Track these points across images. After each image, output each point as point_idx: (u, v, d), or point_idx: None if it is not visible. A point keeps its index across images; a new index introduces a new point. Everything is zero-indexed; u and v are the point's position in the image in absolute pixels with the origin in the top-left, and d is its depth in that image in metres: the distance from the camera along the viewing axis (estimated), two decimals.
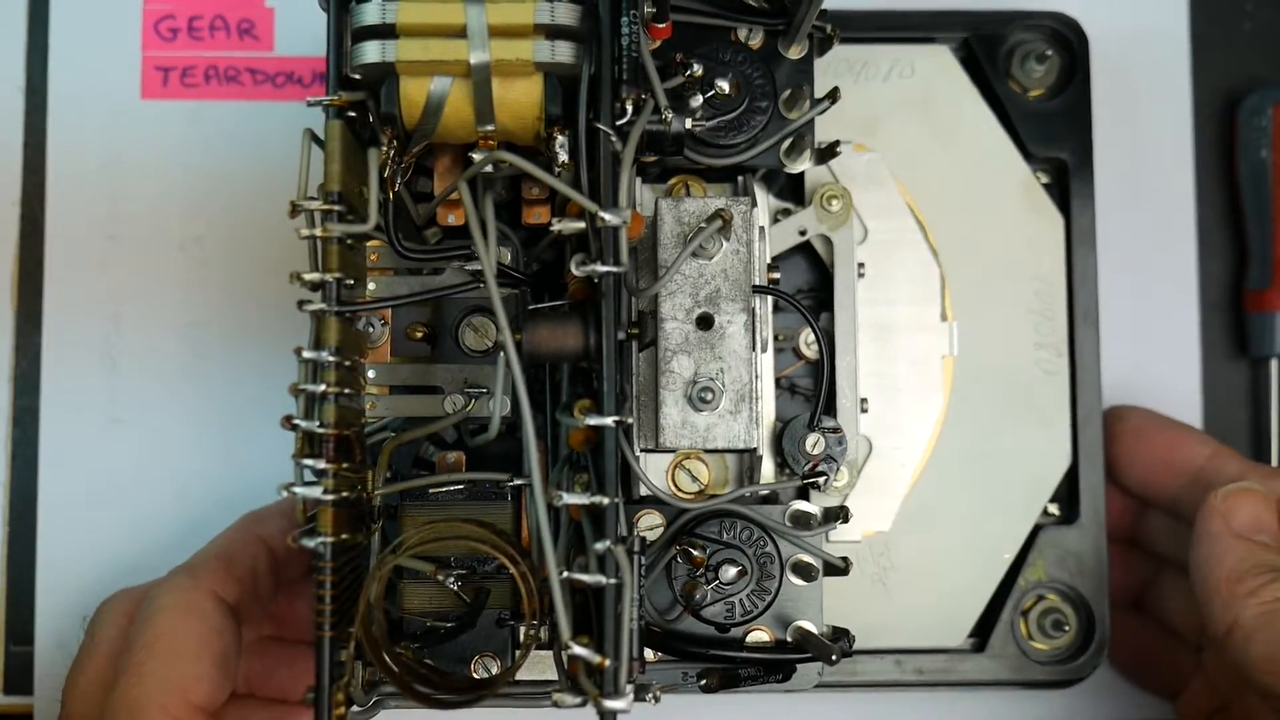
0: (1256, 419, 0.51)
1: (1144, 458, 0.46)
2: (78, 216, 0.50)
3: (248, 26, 0.51)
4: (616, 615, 0.33)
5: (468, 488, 0.41)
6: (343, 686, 0.35)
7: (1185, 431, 0.46)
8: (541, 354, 0.36)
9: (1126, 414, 0.47)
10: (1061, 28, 0.47)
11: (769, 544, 0.42)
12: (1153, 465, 0.46)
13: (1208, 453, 0.45)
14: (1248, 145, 0.50)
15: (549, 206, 0.41)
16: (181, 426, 0.49)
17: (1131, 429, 0.46)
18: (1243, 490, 0.42)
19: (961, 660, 0.46)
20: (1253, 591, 0.40)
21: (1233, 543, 0.42)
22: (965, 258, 0.46)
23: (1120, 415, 0.47)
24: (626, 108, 0.36)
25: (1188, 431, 0.46)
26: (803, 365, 0.45)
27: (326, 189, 0.35)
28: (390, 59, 0.35)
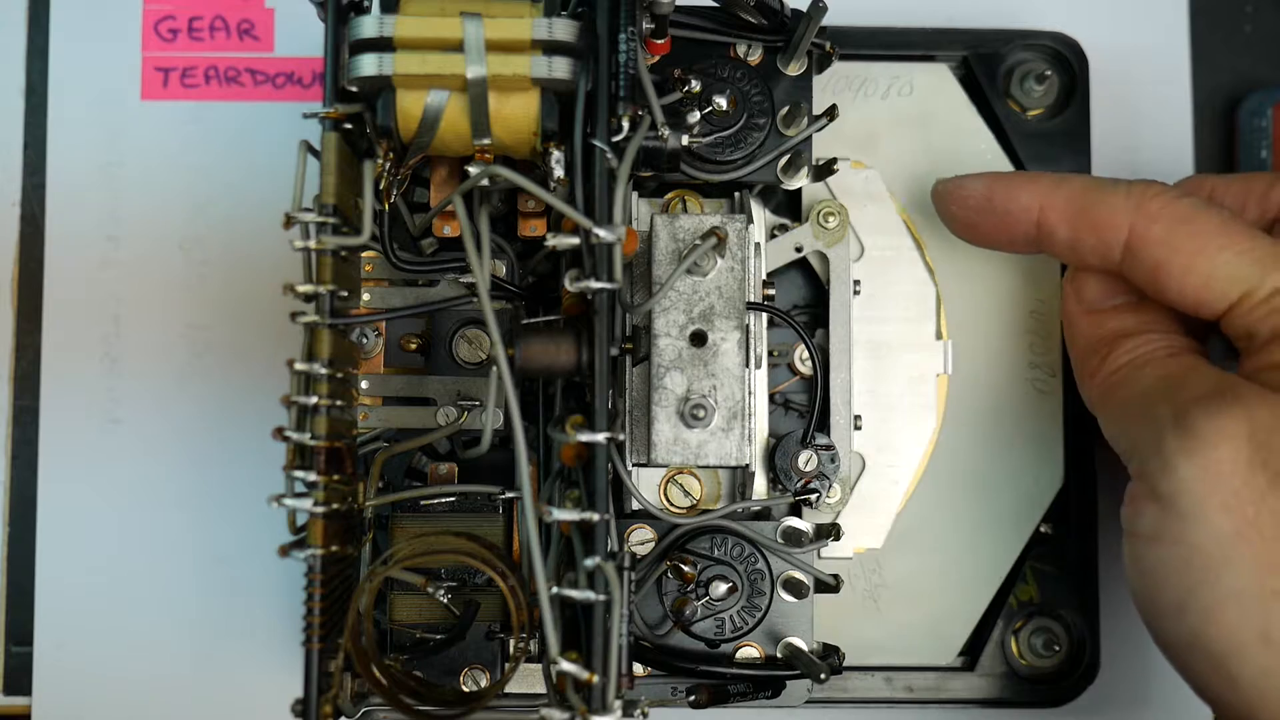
0: None
1: (983, 242, 0.43)
2: (78, 216, 0.50)
3: (248, 27, 0.51)
4: (605, 631, 0.33)
5: (459, 500, 0.41)
6: (330, 698, 0.35)
7: (1007, 204, 0.41)
8: (534, 369, 0.36)
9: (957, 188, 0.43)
10: (1061, 48, 0.47)
11: (760, 560, 0.42)
12: (998, 246, 0.43)
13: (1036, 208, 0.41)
14: (1248, 146, 0.50)
15: (545, 219, 0.41)
16: (181, 426, 0.49)
17: (963, 203, 0.42)
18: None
19: (952, 678, 0.46)
20: (1092, 371, 0.40)
21: (1081, 322, 0.41)
22: (961, 276, 0.46)
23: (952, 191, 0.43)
24: (623, 124, 0.35)
25: (1009, 200, 0.41)
26: (797, 381, 0.45)
27: (321, 201, 0.36)
28: (387, 72, 0.35)
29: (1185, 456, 0.35)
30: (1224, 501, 0.34)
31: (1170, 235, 0.38)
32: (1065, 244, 0.40)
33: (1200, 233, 0.38)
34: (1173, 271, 0.38)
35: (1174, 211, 0.38)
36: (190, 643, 0.48)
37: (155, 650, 0.48)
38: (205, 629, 0.48)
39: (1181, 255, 0.38)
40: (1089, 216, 0.39)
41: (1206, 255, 0.38)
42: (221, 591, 0.48)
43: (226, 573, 0.48)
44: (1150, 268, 0.38)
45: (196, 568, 0.48)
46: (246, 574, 0.48)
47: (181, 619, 0.48)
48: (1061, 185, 0.40)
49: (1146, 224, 0.38)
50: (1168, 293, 0.38)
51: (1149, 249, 0.38)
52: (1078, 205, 0.40)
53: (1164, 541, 0.36)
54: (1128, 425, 0.38)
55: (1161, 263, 0.38)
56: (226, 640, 0.48)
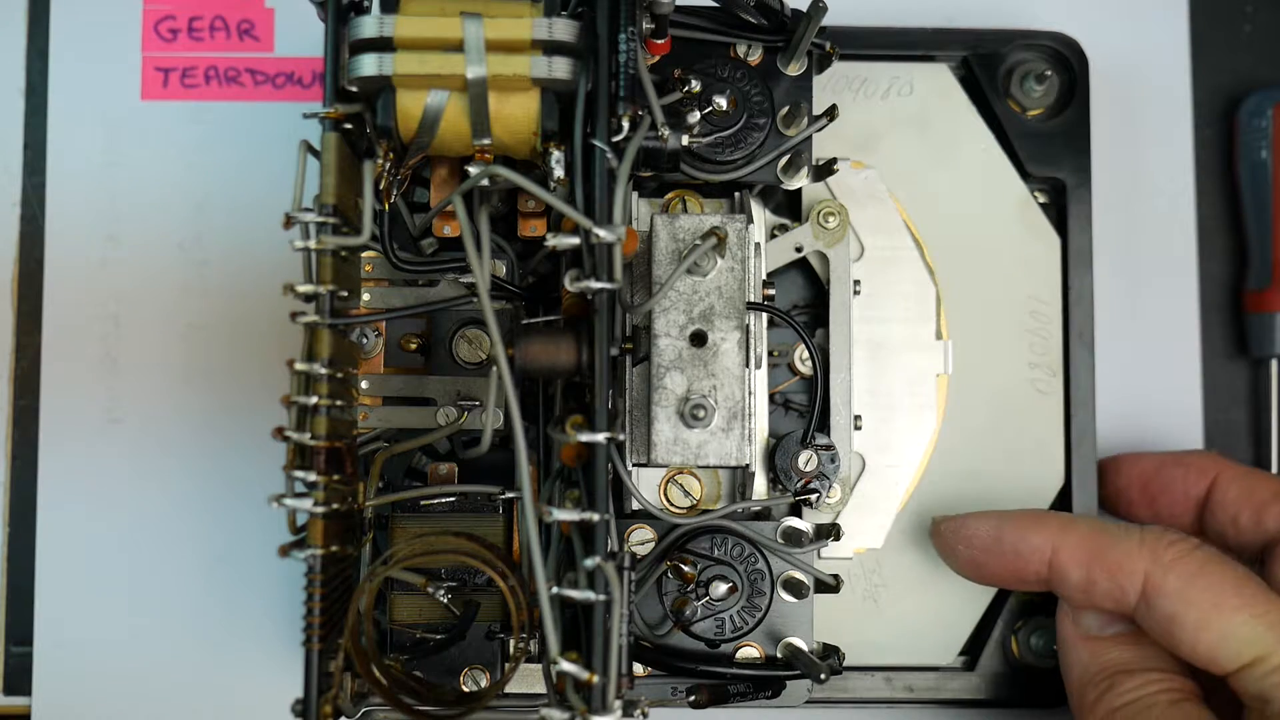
0: (1256, 419, 0.51)
1: (990, 581, 0.43)
2: (78, 216, 0.50)
3: (248, 27, 0.51)
4: (605, 631, 0.33)
5: (459, 500, 0.41)
6: (330, 698, 0.35)
7: (1017, 545, 0.41)
8: (534, 369, 0.36)
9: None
10: (1061, 48, 0.47)
11: (760, 560, 0.42)
12: (1008, 585, 0.43)
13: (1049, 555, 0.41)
14: (1248, 146, 0.50)
15: (545, 219, 0.41)
16: (181, 426, 0.49)
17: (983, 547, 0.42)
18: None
19: (952, 678, 0.46)
20: (1091, 705, 0.40)
21: (1079, 648, 0.41)
22: (961, 276, 0.46)
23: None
24: (623, 124, 0.35)
25: (1020, 541, 0.41)
26: (797, 381, 0.45)
27: (321, 201, 0.35)
28: (387, 72, 0.35)
29: None
30: None
31: (1185, 589, 0.38)
32: (1078, 587, 0.40)
33: (1215, 588, 0.38)
34: (1186, 626, 0.38)
35: (1189, 564, 0.38)
36: (190, 642, 0.48)
37: (155, 650, 0.48)
38: (205, 629, 0.48)
39: (1196, 611, 0.38)
40: (1103, 561, 0.39)
41: (1221, 614, 0.37)
42: (221, 591, 0.48)
43: (226, 573, 0.48)
44: (1164, 619, 0.38)
45: (196, 568, 0.48)
46: (246, 574, 0.48)
47: (181, 619, 0.48)
48: (1071, 527, 0.40)
49: (1162, 574, 0.38)
50: (1180, 646, 0.38)
51: (1163, 600, 0.38)
52: (1090, 548, 0.39)
53: None
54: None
55: (1176, 616, 0.38)
56: (226, 640, 0.48)
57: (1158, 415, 0.50)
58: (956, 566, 0.43)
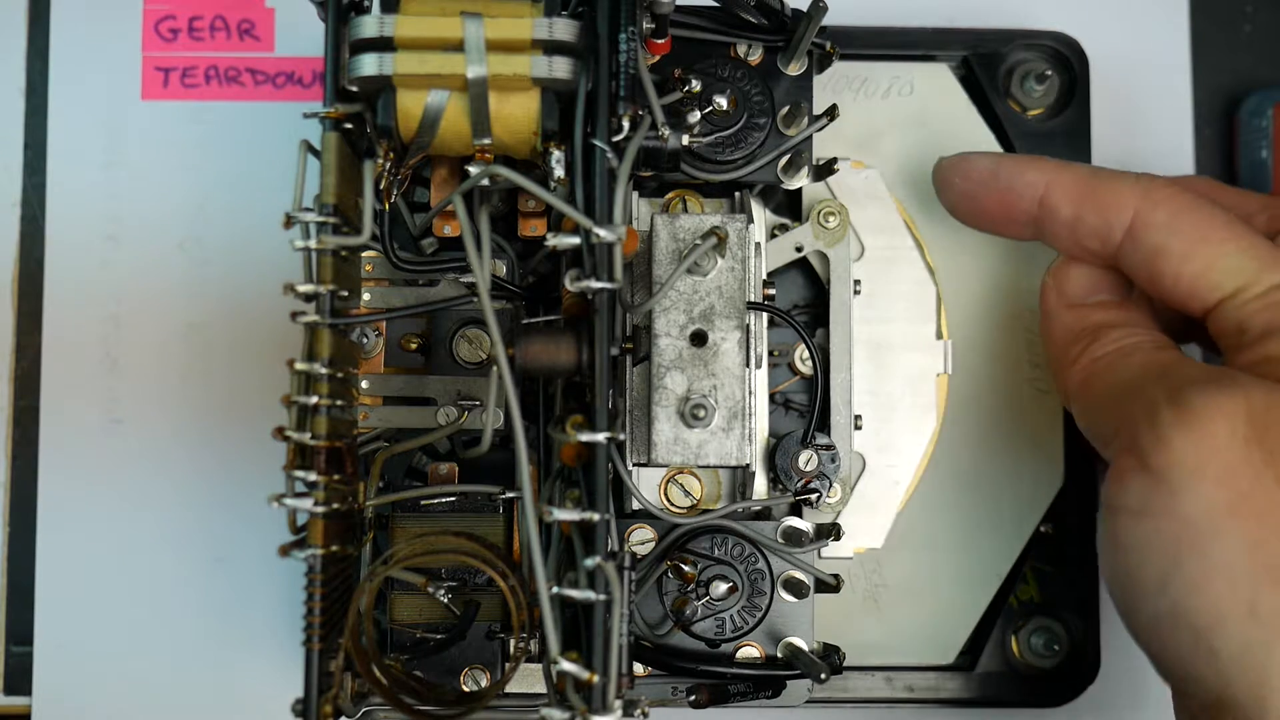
0: None
1: (980, 218, 0.43)
2: (78, 216, 0.50)
3: (248, 27, 0.51)
4: (605, 631, 0.33)
5: (460, 500, 0.41)
6: (331, 698, 0.35)
7: (1013, 178, 0.41)
8: (534, 368, 0.36)
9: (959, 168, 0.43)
10: (1062, 48, 0.47)
11: (760, 560, 0.42)
12: (994, 224, 0.43)
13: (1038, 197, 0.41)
14: (1248, 146, 0.50)
15: (545, 219, 0.41)
16: (181, 426, 0.49)
17: (964, 188, 0.43)
18: (1069, 261, 0.41)
19: (952, 678, 0.46)
20: (1073, 360, 0.40)
21: (1063, 314, 0.41)
22: (962, 276, 0.46)
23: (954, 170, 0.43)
24: (623, 124, 0.35)
25: (1016, 176, 0.41)
26: (797, 381, 0.45)
27: (322, 201, 0.35)
28: (387, 72, 0.35)
29: (1181, 429, 0.34)
30: (1218, 475, 0.34)
31: (1174, 221, 0.38)
32: (1066, 223, 0.40)
33: (1204, 223, 0.38)
34: (1171, 257, 0.38)
35: (1179, 201, 0.38)
36: (190, 642, 0.48)
37: (155, 650, 0.48)
38: (205, 629, 0.48)
39: (1182, 241, 0.38)
40: (1094, 196, 0.39)
41: (1208, 244, 0.38)
42: (221, 591, 0.48)
43: (226, 573, 0.48)
44: (1149, 251, 0.38)
45: (196, 568, 0.48)
46: (246, 574, 0.48)
47: (181, 619, 0.48)
48: (1068, 167, 0.41)
49: (1151, 208, 0.39)
50: (1163, 278, 0.38)
51: (1150, 233, 0.38)
52: (1084, 186, 0.40)
53: (1150, 515, 0.35)
54: (1114, 406, 0.38)
55: (1161, 247, 0.38)
56: (226, 640, 0.48)
57: None
58: (951, 201, 0.43)
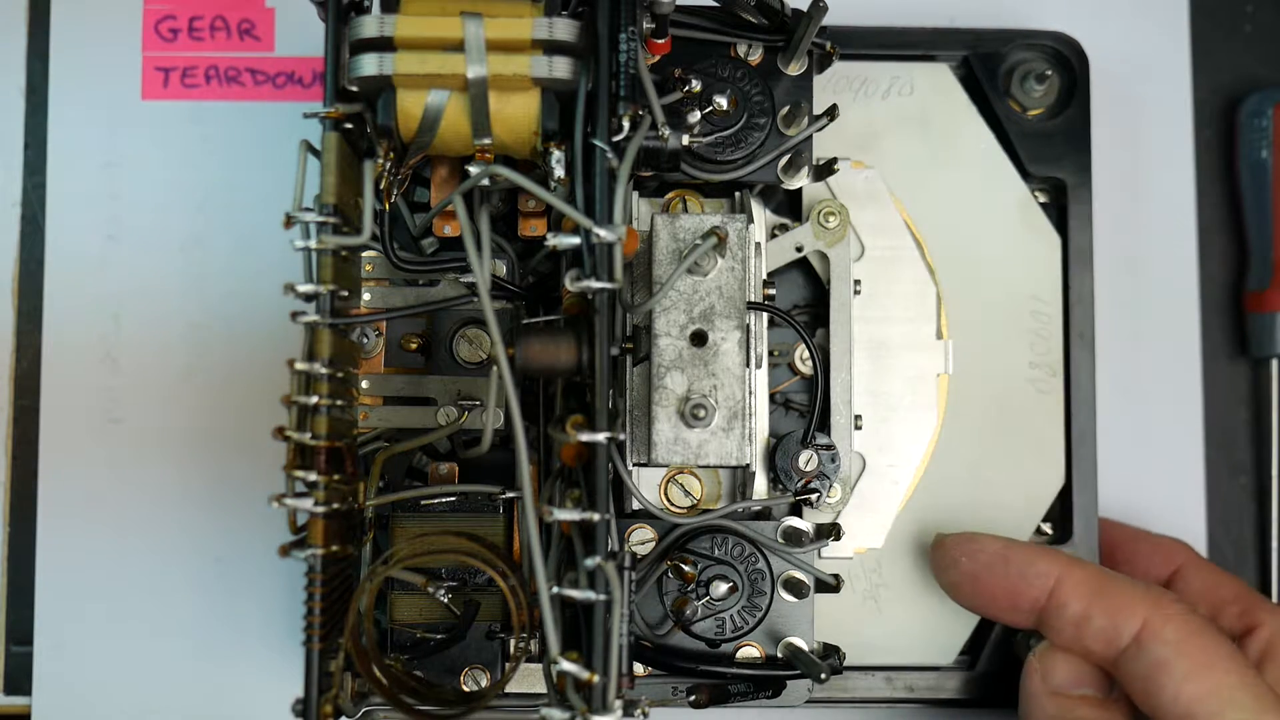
0: (1256, 419, 0.51)
1: (981, 601, 0.43)
2: (78, 216, 0.50)
3: (248, 27, 0.51)
4: (606, 631, 0.33)
5: (460, 499, 0.41)
6: (331, 698, 0.35)
7: (1024, 567, 0.42)
8: (534, 368, 0.36)
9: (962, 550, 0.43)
10: (1062, 48, 0.47)
11: (760, 560, 0.42)
12: (996, 609, 0.42)
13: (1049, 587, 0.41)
14: (1248, 146, 0.50)
15: (545, 219, 0.41)
16: (181, 426, 0.49)
17: (969, 571, 0.43)
18: (1057, 647, 0.41)
19: (952, 678, 0.46)
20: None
21: (1046, 702, 0.41)
22: (962, 276, 0.46)
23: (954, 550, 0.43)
24: (624, 123, 0.35)
25: (1027, 565, 0.42)
26: (798, 381, 0.45)
27: (322, 201, 0.35)
28: (388, 72, 0.35)
29: None
30: None
31: (1182, 640, 0.38)
32: (1073, 619, 0.40)
33: (1211, 649, 0.38)
34: (1174, 675, 0.38)
35: (1189, 621, 0.39)
36: (190, 643, 0.48)
37: (155, 650, 0.48)
38: (205, 629, 0.48)
39: (1188, 662, 0.38)
40: (1106, 598, 0.40)
41: (1213, 672, 0.38)
42: (221, 591, 0.48)
43: (226, 573, 0.48)
44: (1152, 663, 0.39)
45: (196, 568, 0.48)
46: (246, 574, 0.48)
47: (181, 619, 0.48)
48: (1079, 563, 0.41)
49: (1162, 622, 0.39)
50: (1162, 692, 0.38)
51: (1157, 646, 0.39)
52: (1095, 585, 0.40)
53: None
54: None
55: (1165, 663, 0.38)
56: (226, 640, 0.48)
57: (1158, 415, 0.50)
58: (952, 580, 0.43)
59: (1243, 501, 0.51)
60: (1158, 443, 0.50)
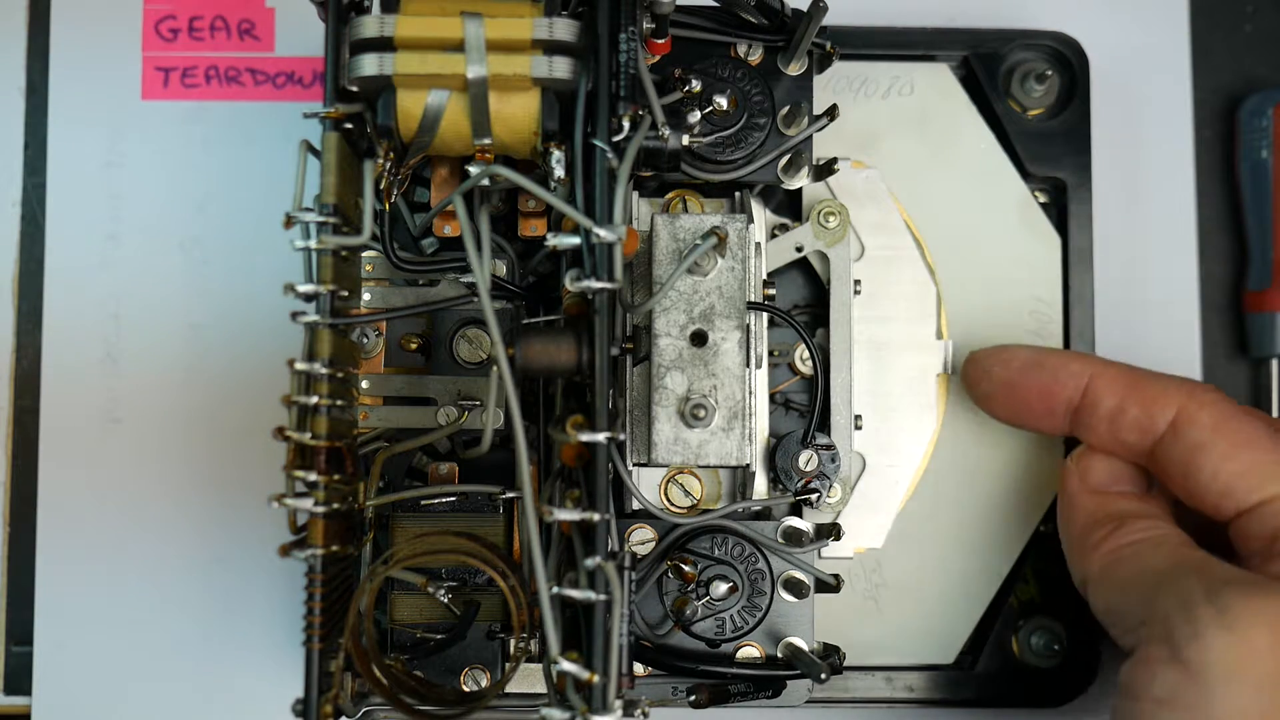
0: None
1: (1016, 409, 0.43)
2: (78, 216, 0.50)
3: (248, 27, 0.51)
4: (606, 631, 0.33)
5: (460, 499, 0.41)
6: (331, 698, 0.35)
7: (1057, 369, 0.42)
8: (534, 368, 0.36)
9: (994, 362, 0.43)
10: (1062, 48, 0.47)
11: (760, 560, 0.42)
12: (1030, 415, 0.43)
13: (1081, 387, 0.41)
14: (1248, 146, 0.50)
15: (545, 219, 0.41)
16: (181, 426, 0.49)
17: (1003, 382, 0.43)
18: (1093, 448, 0.42)
19: (953, 678, 0.46)
20: (1096, 544, 0.40)
21: (1085, 500, 0.41)
22: (962, 276, 0.46)
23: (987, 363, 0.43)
24: (624, 124, 0.35)
25: (1060, 367, 0.42)
26: (798, 381, 0.45)
27: (322, 201, 0.36)
28: (388, 72, 0.35)
29: (1221, 630, 0.35)
30: (1257, 682, 0.34)
31: (1218, 422, 0.39)
32: (1108, 414, 0.41)
33: (1248, 429, 0.39)
34: (1212, 455, 0.39)
35: (1224, 406, 0.39)
36: (190, 643, 0.48)
37: (155, 650, 0.48)
38: (205, 629, 0.48)
39: (1225, 443, 0.39)
40: (1140, 390, 0.40)
41: (1252, 449, 0.38)
42: (221, 591, 0.48)
43: (226, 573, 0.48)
44: (1190, 446, 0.39)
45: (196, 568, 0.48)
46: (246, 574, 0.48)
47: (181, 619, 0.48)
48: (1111, 362, 0.42)
49: (1197, 408, 0.39)
50: (1200, 474, 0.39)
51: (1194, 430, 0.39)
52: (1129, 379, 0.41)
53: (1179, 707, 0.35)
54: (1143, 594, 0.38)
55: (1203, 444, 0.39)
56: (226, 640, 0.48)
57: None
58: (986, 391, 0.43)
59: None
60: None
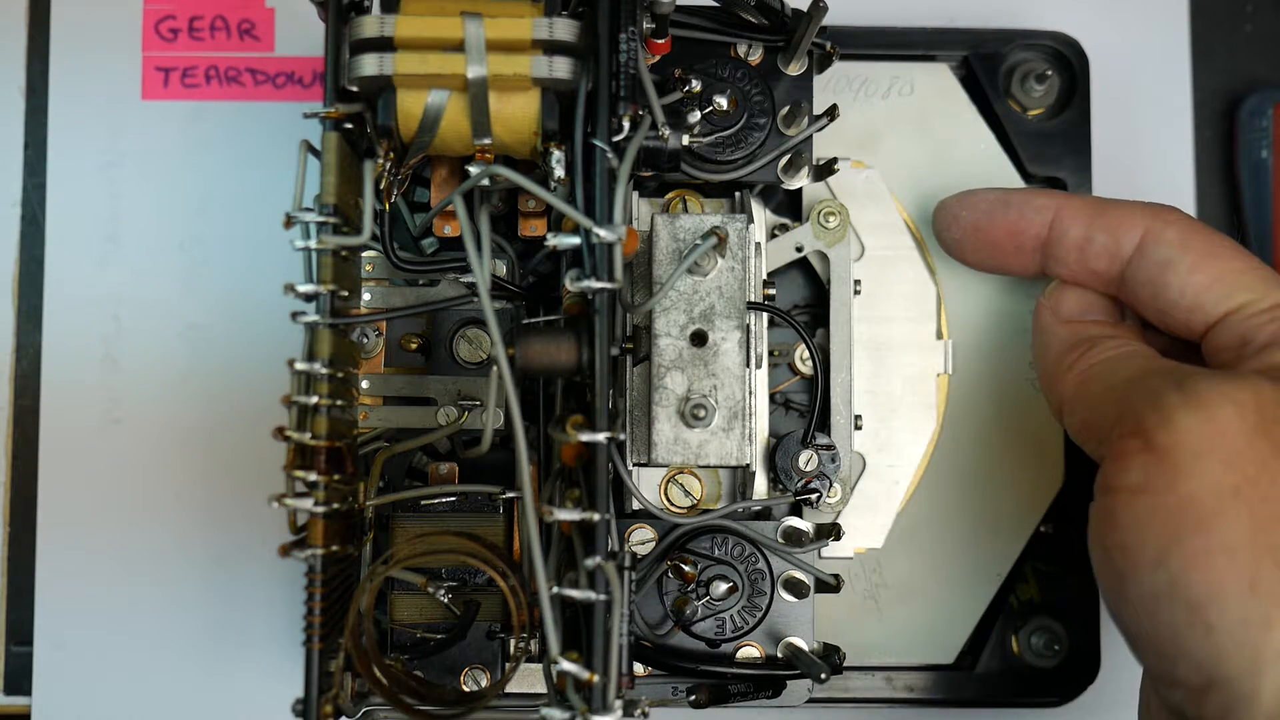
0: None
1: (986, 250, 0.43)
2: (78, 216, 0.50)
3: (248, 27, 0.51)
4: (606, 631, 0.33)
5: (460, 499, 0.41)
6: (331, 698, 0.35)
7: (1023, 205, 0.42)
8: (534, 368, 0.36)
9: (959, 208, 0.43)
10: (1062, 48, 0.47)
11: (760, 560, 0.42)
12: (1000, 255, 0.43)
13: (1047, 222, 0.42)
14: (1248, 146, 0.50)
15: (545, 219, 0.41)
16: (181, 426, 0.49)
17: (971, 224, 0.43)
18: (1065, 284, 0.42)
19: (952, 678, 0.46)
20: (1070, 365, 0.40)
21: (1059, 329, 0.42)
22: (961, 276, 0.46)
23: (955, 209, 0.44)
24: (624, 124, 0.35)
25: (1025, 203, 0.42)
26: (798, 381, 0.45)
27: (322, 201, 0.36)
28: (388, 72, 0.35)
29: (1189, 410, 0.35)
30: (1225, 458, 0.34)
31: (1185, 238, 0.39)
32: (1075, 244, 0.41)
33: (1213, 242, 0.39)
34: (1179, 269, 0.39)
35: (1189, 223, 0.40)
36: (190, 643, 0.48)
37: (155, 650, 0.48)
38: (205, 629, 0.48)
39: (1193, 255, 0.39)
40: (1105, 217, 0.41)
41: (1218, 260, 0.39)
42: (221, 591, 0.48)
43: (226, 573, 0.48)
44: (1158, 264, 0.39)
45: (196, 568, 0.48)
46: (246, 574, 0.48)
47: (181, 619, 0.48)
48: (1076, 195, 0.42)
49: (1162, 227, 0.40)
50: (1168, 290, 0.39)
51: (1161, 248, 0.39)
52: (1094, 208, 0.41)
53: (1152, 492, 0.35)
54: (1114, 400, 0.38)
55: (1170, 261, 0.39)
56: (227, 640, 0.48)
57: None
58: (958, 235, 0.43)
59: None
60: None
